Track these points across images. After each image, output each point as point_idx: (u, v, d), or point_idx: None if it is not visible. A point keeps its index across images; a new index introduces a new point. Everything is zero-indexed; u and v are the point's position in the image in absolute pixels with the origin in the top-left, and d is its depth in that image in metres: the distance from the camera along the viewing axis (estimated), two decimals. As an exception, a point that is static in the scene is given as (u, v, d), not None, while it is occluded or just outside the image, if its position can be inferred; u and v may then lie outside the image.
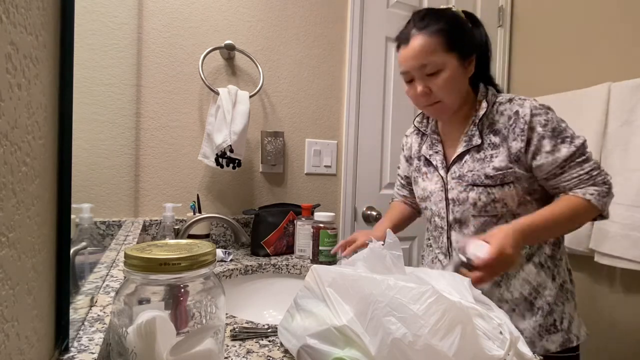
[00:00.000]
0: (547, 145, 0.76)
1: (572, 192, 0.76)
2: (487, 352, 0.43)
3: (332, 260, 1.10)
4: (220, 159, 1.16)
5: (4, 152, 0.25)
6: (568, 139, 0.76)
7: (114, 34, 0.89)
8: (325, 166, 1.46)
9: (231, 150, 1.13)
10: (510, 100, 0.81)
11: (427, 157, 0.92)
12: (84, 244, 0.60)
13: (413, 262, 1.62)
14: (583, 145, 0.76)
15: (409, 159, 1.03)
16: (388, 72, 1.57)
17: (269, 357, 0.56)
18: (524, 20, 1.76)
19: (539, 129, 0.76)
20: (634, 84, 1.22)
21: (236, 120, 1.15)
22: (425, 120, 0.97)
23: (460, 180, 0.83)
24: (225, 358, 0.56)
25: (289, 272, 1.12)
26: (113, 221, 0.90)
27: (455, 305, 0.42)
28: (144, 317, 0.35)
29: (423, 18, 0.81)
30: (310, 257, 1.15)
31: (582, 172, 0.75)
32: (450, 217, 0.87)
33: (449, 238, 0.88)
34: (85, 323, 0.45)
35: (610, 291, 1.35)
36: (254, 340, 0.62)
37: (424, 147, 0.95)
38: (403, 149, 1.06)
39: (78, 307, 0.45)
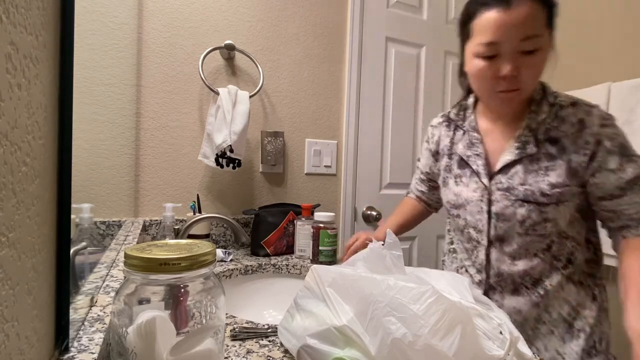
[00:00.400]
0: (612, 162, 0.66)
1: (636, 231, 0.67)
2: (487, 352, 0.43)
3: (332, 260, 1.10)
4: (220, 159, 1.16)
5: (4, 152, 0.25)
6: (634, 158, 0.67)
7: (114, 34, 0.89)
8: (325, 166, 1.46)
9: (231, 150, 1.13)
10: (573, 105, 0.69)
11: (465, 158, 0.79)
12: (84, 244, 0.60)
13: (413, 262, 1.62)
14: None
15: (435, 154, 0.89)
16: (388, 72, 1.57)
17: (269, 357, 0.56)
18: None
19: (607, 143, 0.66)
20: (634, 84, 1.22)
21: (236, 120, 1.15)
22: (462, 113, 0.83)
23: (508, 194, 0.72)
24: (225, 358, 0.56)
25: (289, 272, 1.12)
26: (113, 221, 0.90)
27: (455, 305, 0.42)
28: (144, 317, 0.35)
29: None
30: (310, 257, 1.15)
31: None
32: (492, 233, 0.75)
33: (488, 255, 0.77)
34: (85, 323, 0.45)
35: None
36: (254, 340, 0.62)
37: (459, 145, 0.81)
38: (428, 141, 0.92)
39: (78, 307, 0.45)
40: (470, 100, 0.84)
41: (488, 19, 0.63)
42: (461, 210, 0.80)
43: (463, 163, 0.80)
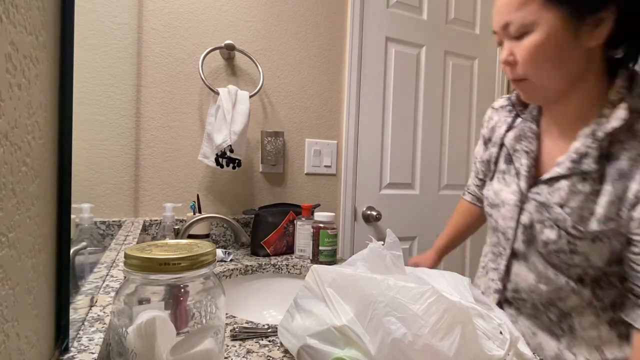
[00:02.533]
0: None
1: None
2: (487, 352, 0.43)
3: (332, 260, 1.10)
4: (220, 159, 1.16)
5: (4, 152, 0.25)
6: None
7: (114, 34, 0.89)
8: (325, 166, 1.46)
9: (231, 150, 1.13)
10: None
11: (511, 151, 0.68)
12: (84, 244, 0.60)
13: (413, 262, 1.62)
14: None
15: (487, 142, 0.76)
16: (388, 72, 1.57)
17: (269, 357, 0.56)
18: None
19: None
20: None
21: (236, 120, 1.15)
22: None
23: (542, 209, 0.61)
24: (225, 358, 0.56)
25: (289, 272, 1.12)
26: (113, 221, 0.90)
27: (455, 305, 0.42)
28: (144, 317, 0.35)
29: None
30: (310, 257, 1.15)
31: None
32: (516, 245, 0.67)
33: (507, 267, 0.69)
34: (85, 323, 0.45)
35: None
36: (254, 340, 0.62)
37: (510, 134, 0.69)
38: (483, 126, 0.79)
39: (78, 307, 0.45)
40: None
41: None
42: (495, 210, 0.70)
43: (510, 157, 0.69)
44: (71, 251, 0.42)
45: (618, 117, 0.54)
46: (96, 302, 0.51)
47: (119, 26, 0.93)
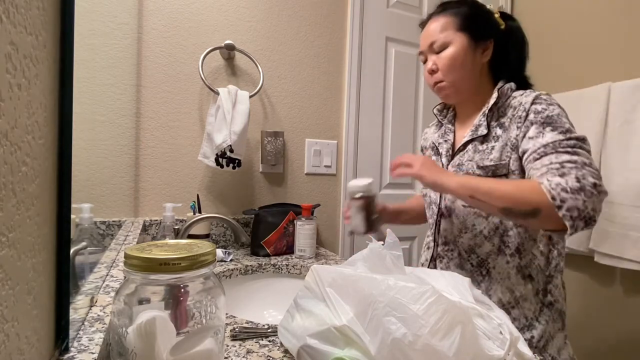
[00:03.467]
0: (533, 131, 0.71)
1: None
2: (487, 352, 0.43)
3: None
4: (220, 159, 1.16)
5: (4, 152, 0.25)
6: (559, 128, 0.68)
7: (114, 34, 0.89)
8: (325, 166, 1.46)
9: (231, 150, 1.13)
10: (522, 93, 0.77)
11: (437, 144, 0.91)
12: (84, 244, 0.60)
13: (413, 262, 1.62)
14: (578, 139, 0.67)
15: (423, 149, 1.02)
16: (388, 72, 1.57)
17: (269, 357, 0.56)
18: (524, 20, 1.75)
19: (532, 116, 0.72)
20: (634, 84, 1.22)
21: (236, 120, 1.15)
22: (445, 110, 0.96)
23: (458, 170, 0.82)
24: (225, 358, 0.56)
25: (289, 272, 1.12)
26: (113, 221, 0.90)
27: (455, 305, 0.42)
28: (144, 317, 0.35)
29: (444, 4, 0.83)
30: (312, 257, 1.15)
31: (555, 160, 0.65)
32: (442, 205, 0.87)
33: (438, 225, 0.88)
34: (85, 323, 0.45)
35: (610, 291, 1.35)
36: (254, 340, 0.62)
37: (435, 136, 0.94)
38: (421, 143, 1.05)
39: (78, 307, 0.45)
40: None
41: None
42: (427, 189, 0.92)
43: (436, 150, 0.92)
44: (71, 251, 0.42)
45: (493, 97, 0.80)
46: (96, 302, 0.51)
47: (119, 26, 0.93)
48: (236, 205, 1.31)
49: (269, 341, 0.62)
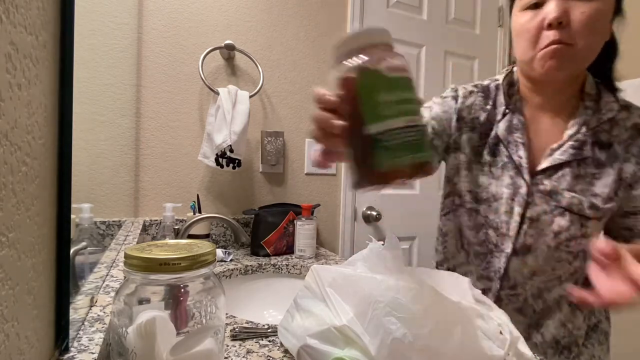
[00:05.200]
0: None
1: None
2: (487, 352, 0.43)
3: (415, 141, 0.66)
4: (220, 159, 1.16)
5: (4, 152, 0.25)
6: None
7: (114, 34, 0.89)
8: (325, 166, 1.46)
9: (231, 150, 1.13)
10: (627, 108, 0.62)
11: (505, 143, 0.66)
12: (84, 244, 0.60)
13: (413, 262, 1.62)
14: None
15: (460, 119, 0.70)
16: (388, 72, 1.57)
17: (269, 357, 0.56)
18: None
19: None
20: (634, 84, 1.22)
21: (236, 120, 1.15)
22: (507, 88, 0.69)
23: (550, 198, 0.62)
24: (225, 358, 0.56)
25: (289, 272, 1.12)
26: (113, 221, 0.90)
27: (455, 305, 0.42)
28: (144, 317, 0.35)
29: None
30: (311, 256, 1.15)
31: None
32: (520, 241, 0.64)
33: (506, 264, 0.66)
34: (85, 323, 0.45)
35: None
36: (254, 340, 0.62)
37: (501, 126, 0.67)
38: (456, 99, 0.72)
39: (78, 307, 0.45)
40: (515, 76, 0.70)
41: None
42: (483, 205, 0.67)
43: (498, 149, 0.66)
44: (71, 251, 0.42)
45: (612, 109, 0.61)
46: (96, 302, 0.51)
47: (119, 26, 0.93)
48: (236, 205, 1.31)
49: (269, 341, 0.62)
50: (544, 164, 0.63)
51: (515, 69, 0.70)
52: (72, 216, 0.41)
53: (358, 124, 0.33)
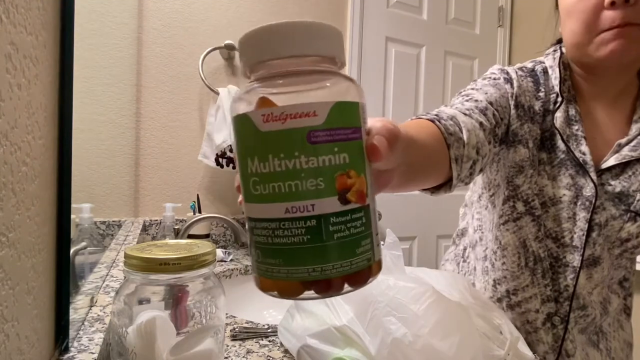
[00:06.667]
0: None
1: None
2: (487, 352, 0.43)
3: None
4: (220, 159, 1.16)
5: (4, 152, 0.25)
6: None
7: (114, 34, 0.89)
8: (325, 166, 1.46)
9: (231, 150, 1.13)
10: None
11: (564, 137, 0.56)
12: (84, 244, 0.60)
13: (413, 262, 1.62)
14: None
15: (519, 107, 0.57)
16: (388, 72, 1.57)
17: (269, 357, 0.56)
18: (524, 20, 1.76)
19: None
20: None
21: (236, 120, 1.15)
22: (558, 70, 0.58)
23: (619, 201, 0.54)
24: (225, 358, 0.56)
25: (289, 272, 1.12)
26: (113, 221, 0.90)
27: (455, 305, 0.42)
28: (144, 317, 0.35)
29: None
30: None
31: None
32: (588, 252, 0.55)
33: (576, 280, 0.56)
34: (85, 323, 0.45)
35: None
36: (254, 340, 0.62)
37: (558, 117, 0.56)
38: (510, 82, 0.58)
39: (78, 307, 0.45)
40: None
41: None
42: (538, 211, 0.57)
43: (553, 144, 0.57)
44: (71, 251, 0.42)
45: None
46: (96, 302, 0.51)
47: (119, 26, 0.93)
48: (236, 205, 1.31)
49: (269, 341, 0.62)
50: (610, 162, 0.54)
51: (564, 49, 0.59)
52: (72, 216, 0.41)
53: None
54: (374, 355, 0.43)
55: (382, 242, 0.56)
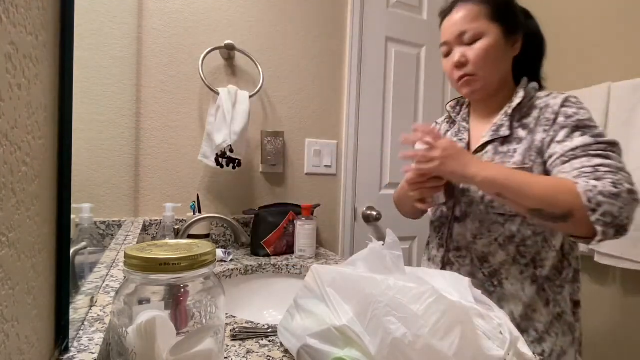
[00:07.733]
0: (562, 134, 0.68)
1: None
2: (487, 352, 0.43)
3: None
4: (220, 159, 1.16)
5: (4, 152, 0.25)
6: (590, 132, 0.66)
7: (114, 34, 0.89)
8: (325, 166, 1.46)
9: (231, 150, 1.13)
10: (548, 95, 0.75)
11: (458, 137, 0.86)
12: (84, 244, 0.60)
13: (413, 262, 1.62)
14: (609, 143, 0.65)
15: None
16: (388, 72, 1.57)
17: (269, 357, 0.56)
18: (524, 20, 1.75)
19: (561, 119, 0.69)
20: (634, 84, 1.22)
21: (236, 120, 1.15)
22: (458, 107, 0.91)
23: None
24: (225, 358, 0.56)
25: (289, 272, 1.12)
26: (113, 221, 0.90)
27: (455, 305, 0.42)
28: (144, 317, 0.35)
29: None
30: (312, 257, 1.15)
31: (587, 164, 0.62)
32: (457, 209, 0.81)
33: (450, 229, 0.83)
34: (85, 323, 0.45)
35: (610, 291, 1.35)
36: (254, 340, 0.62)
37: (449, 134, 0.89)
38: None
39: (78, 307, 0.45)
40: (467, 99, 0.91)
41: (442, 27, 0.80)
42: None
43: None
44: (71, 251, 0.42)
45: (519, 96, 0.76)
46: (96, 302, 0.51)
47: (119, 26, 0.93)
48: (236, 205, 1.31)
49: (269, 341, 0.62)
50: (473, 148, 0.81)
51: None
52: (72, 216, 0.41)
53: None
54: (374, 355, 0.43)
55: (382, 242, 0.57)
